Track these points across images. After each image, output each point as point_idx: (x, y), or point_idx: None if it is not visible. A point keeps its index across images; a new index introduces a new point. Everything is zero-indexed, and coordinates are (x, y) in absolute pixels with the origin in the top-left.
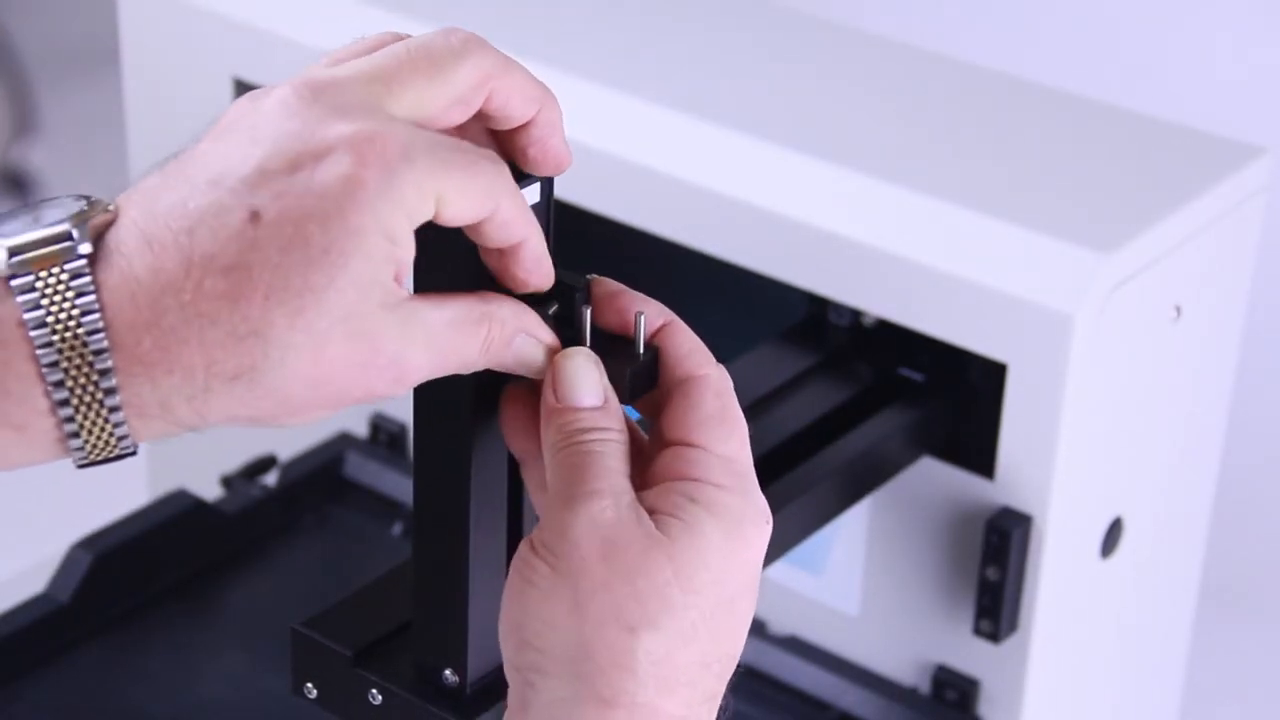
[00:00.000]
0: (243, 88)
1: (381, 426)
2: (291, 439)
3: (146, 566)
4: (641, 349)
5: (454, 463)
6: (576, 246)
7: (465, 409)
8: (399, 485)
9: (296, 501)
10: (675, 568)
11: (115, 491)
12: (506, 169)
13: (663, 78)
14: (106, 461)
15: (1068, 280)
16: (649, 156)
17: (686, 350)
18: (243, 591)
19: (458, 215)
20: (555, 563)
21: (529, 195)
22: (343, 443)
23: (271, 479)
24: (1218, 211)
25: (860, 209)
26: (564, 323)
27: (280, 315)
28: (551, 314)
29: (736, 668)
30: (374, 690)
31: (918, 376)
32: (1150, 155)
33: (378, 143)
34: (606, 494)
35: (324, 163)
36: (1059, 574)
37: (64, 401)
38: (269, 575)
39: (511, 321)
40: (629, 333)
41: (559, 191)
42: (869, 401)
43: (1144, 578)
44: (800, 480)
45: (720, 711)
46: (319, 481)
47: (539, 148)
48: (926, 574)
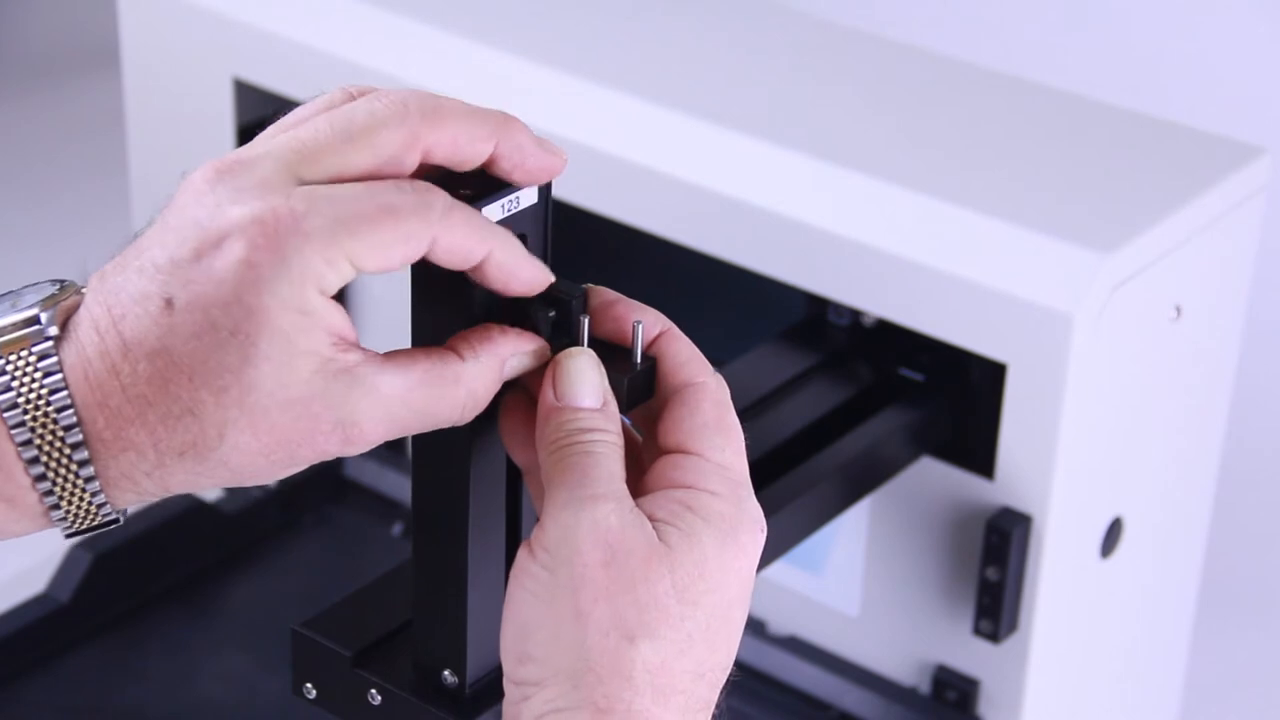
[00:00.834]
0: (243, 88)
1: None
2: None
3: (146, 566)
4: (639, 358)
5: (453, 463)
6: (577, 247)
7: None
8: (399, 485)
9: (296, 501)
10: (674, 578)
11: None
12: (435, 202)
13: (662, 78)
14: (92, 530)
15: (1068, 280)
16: (649, 156)
17: (685, 358)
18: (243, 591)
19: (379, 267)
20: (555, 567)
21: (526, 196)
22: None
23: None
24: (1218, 211)
25: (860, 209)
26: (561, 331)
27: (207, 394)
28: (549, 322)
29: (730, 672)
30: (373, 691)
31: (918, 376)
32: (1150, 155)
33: (267, 224)
34: (611, 498)
35: (220, 250)
36: (1059, 574)
37: (41, 476)
38: (269, 575)
39: (488, 376)
40: (626, 341)
41: (559, 192)
42: (869, 401)
43: (1144, 578)
44: (800, 480)
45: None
46: (319, 481)
47: (518, 173)
48: (926, 574)
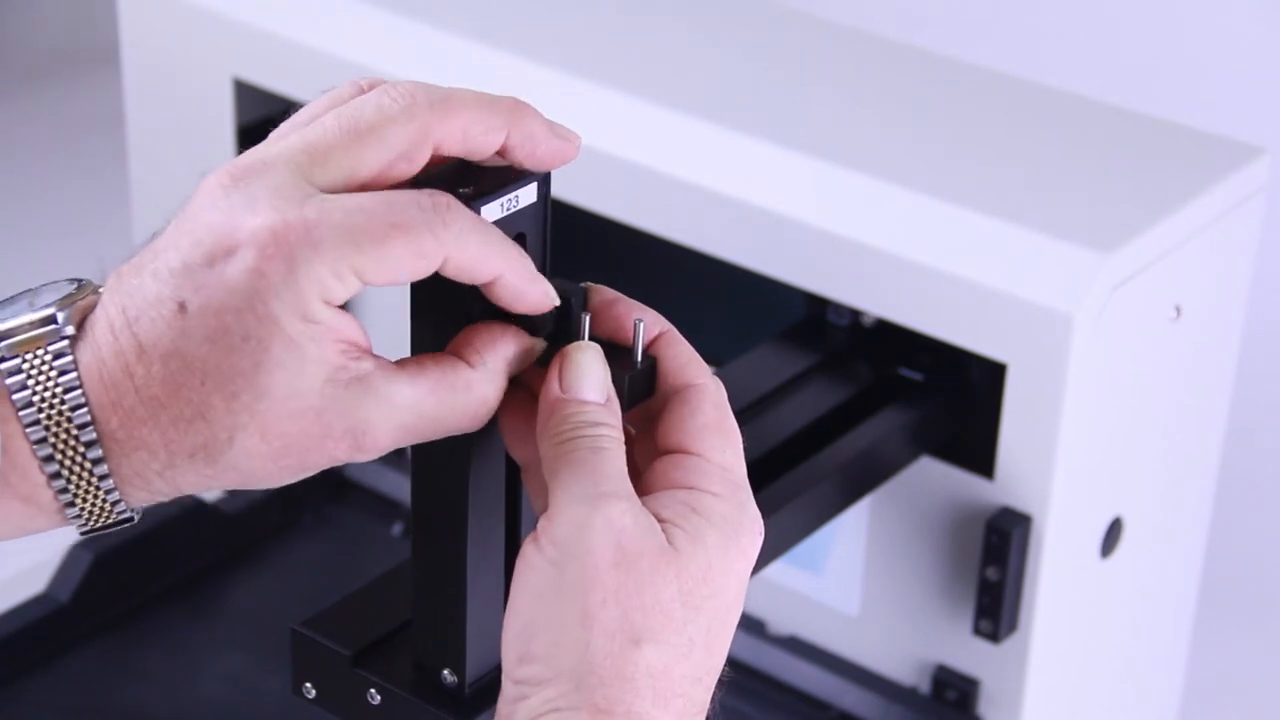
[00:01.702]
0: (243, 88)
1: None
2: None
3: (146, 566)
4: (639, 357)
5: (452, 462)
6: (577, 246)
7: None
8: (399, 485)
9: (296, 501)
10: (680, 583)
11: None
12: (452, 218)
13: (662, 78)
14: (107, 529)
15: (1068, 280)
16: (649, 156)
17: (684, 360)
18: (243, 591)
19: (387, 281)
20: (564, 563)
21: (525, 195)
22: None
23: None
24: (1218, 211)
25: (860, 209)
26: (561, 329)
27: (218, 399)
28: (550, 319)
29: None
30: (373, 690)
31: (917, 376)
32: (1150, 155)
33: (279, 235)
34: (623, 497)
35: (233, 258)
36: (1059, 574)
37: (55, 474)
38: (269, 575)
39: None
40: (625, 341)
41: (559, 192)
42: (869, 401)
43: (1144, 578)
44: (800, 480)
45: None
46: (319, 481)
47: (530, 161)
48: (926, 574)
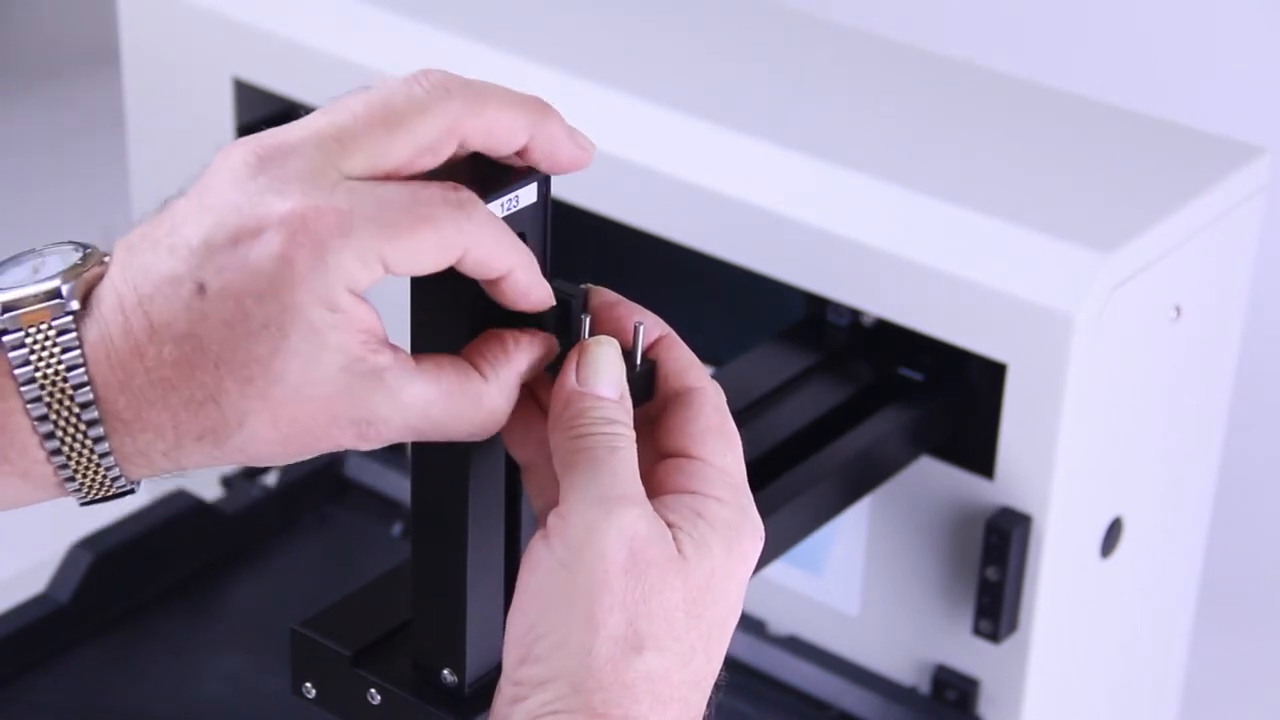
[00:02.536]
0: (243, 88)
1: None
2: None
3: (146, 566)
4: (638, 360)
5: (453, 463)
6: (577, 246)
7: None
8: (399, 485)
9: (296, 501)
10: (685, 591)
11: None
12: (474, 212)
13: (662, 78)
14: (108, 499)
15: (1068, 280)
16: (649, 156)
17: (684, 364)
18: (243, 591)
19: (411, 271)
20: (575, 565)
21: (525, 195)
22: None
23: (271, 479)
24: (1218, 211)
25: (860, 209)
26: (562, 330)
27: (232, 383)
28: (551, 321)
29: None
30: (373, 690)
31: (917, 376)
32: (1150, 155)
33: (310, 221)
34: (638, 502)
35: (259, 241)
36: (1059, 574)
37: (56, 451)
38: (269, 575)
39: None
40: (626, 344)
41: (560, 192)
42: (868, 401)
43: (1144, 578)
44: (800, 480)
45: None
46: (319, 481)
47: (547, 163)
48: (926, 574)
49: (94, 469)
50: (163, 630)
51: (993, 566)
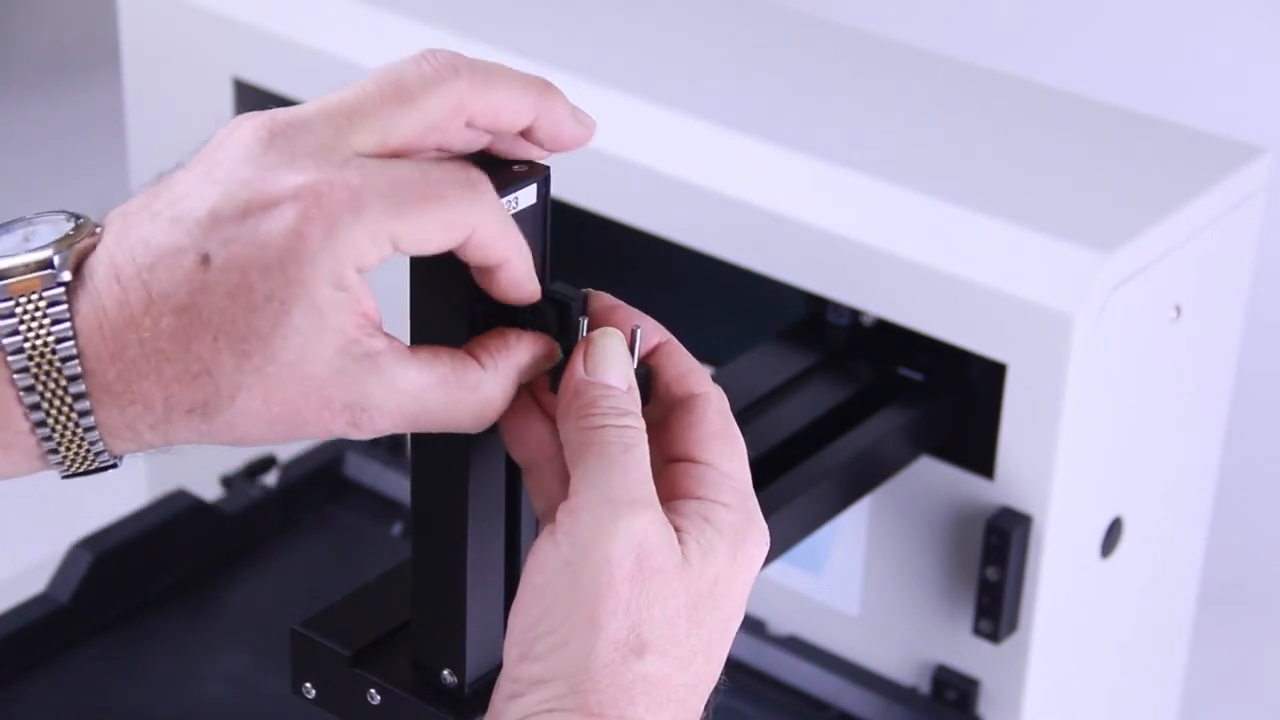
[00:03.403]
0: (243, 88)
1: None
2: None
3: (146, 566)
4: (635, 364)
5: (452, 463)
6: (577, 246)
7: None
8: (399, 485)
9: (296, 501)
10: (688, 596)
11: (115, 491)
12: (484, 192)
13: (662, 78)
14: (89, 473)
15: (1068, 280)
16: (649, 156)
17: (686, 368)
18: (243, 591)
19: (418, 250)
20: (581, 565)
21: (525, 196)
22: (343, 443)
23: (271, 479)
24: (1218, 211)
25: (860, 209)
26: (561, 335)
27: (229, 357)
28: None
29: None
30: (373, 690)
31: (917, 376)
32: (1150, 155)
33: (323, 196)
34: (650, 506)
35: (270, 214)
36: (1059, 574)
37: (41, 422)
38: (269, 575)
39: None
40: None
41: (559, 192)
42: (868, 401)
43: (1144, 578)
44: (800, 480)
45: None
46: (319, 481)
47: (549, 143)
48: (926, 574)
49: (78, 441)
50: (163, 630)
51: (993, 566)
